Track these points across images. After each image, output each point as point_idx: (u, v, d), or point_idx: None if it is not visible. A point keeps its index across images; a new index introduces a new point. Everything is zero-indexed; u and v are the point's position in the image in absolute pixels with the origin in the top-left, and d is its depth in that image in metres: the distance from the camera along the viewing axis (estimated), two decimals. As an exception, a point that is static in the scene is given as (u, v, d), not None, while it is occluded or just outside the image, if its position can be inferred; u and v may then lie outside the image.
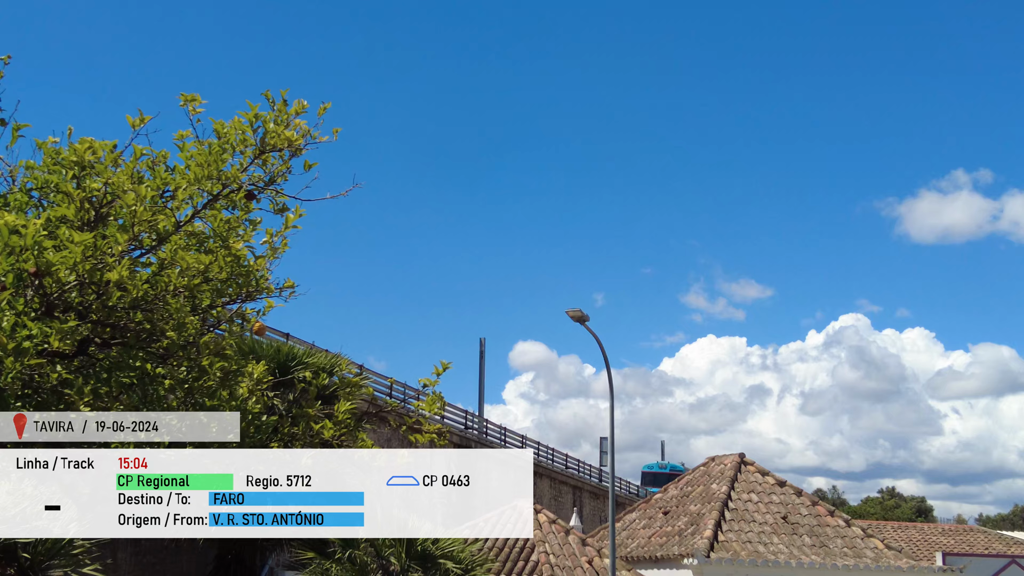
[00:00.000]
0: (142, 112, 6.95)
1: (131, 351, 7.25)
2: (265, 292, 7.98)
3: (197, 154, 7.02)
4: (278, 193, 7.62)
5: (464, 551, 14.13)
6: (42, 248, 6.05)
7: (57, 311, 6.55)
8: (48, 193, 7.27)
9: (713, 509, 23.55)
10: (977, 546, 36.02)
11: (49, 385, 7.03)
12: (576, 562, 19.49)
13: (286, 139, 6.95)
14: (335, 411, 8.85)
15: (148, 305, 6.88)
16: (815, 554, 22.67)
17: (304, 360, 16.09)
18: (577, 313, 19.71)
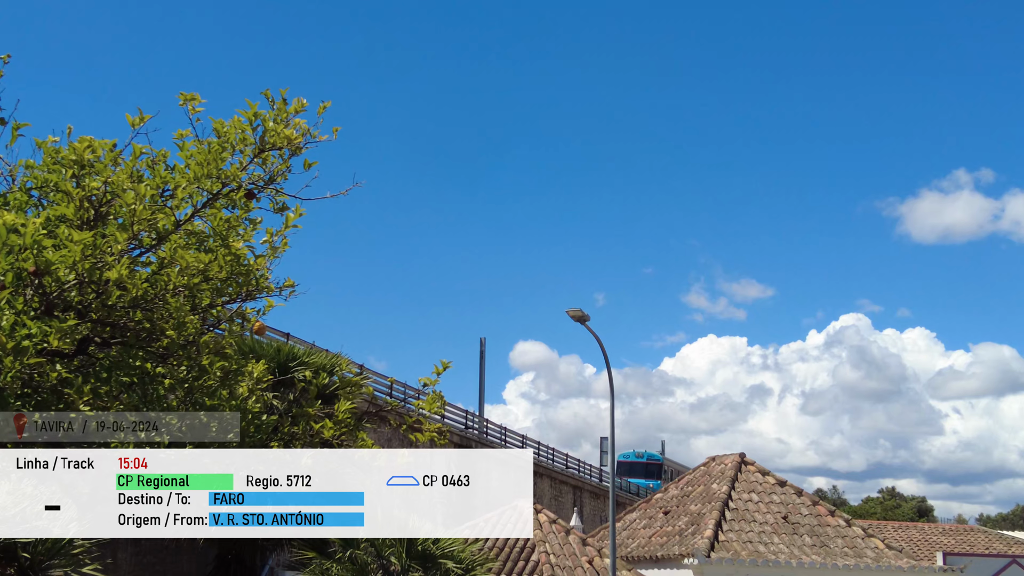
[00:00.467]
0: (141, 111, 6.95)
1: (131, 350, 7.23)
2: (265, 291, 7.97)
3: (197, 153, 7.01)
4: (278, 192, 7.61)
5: (465, 551, 14.11)
6: (41, 247, 6.04)
7: (56, 310, 6.54)
8: (47, 192, 7.26)
9: (714, 509, 23.53)
10: (978, 546, 36.00)
11: (49, 384, 7.02)
12: (576, 562, 19.47)
13: (285, 138, 6.93)
14: (335, 411, 8.84)
15: (148, 304, 6.87)
16: (816, 554, 22.66)
17: (304, 360, 16.07)
18: (577, 313, 19.70)
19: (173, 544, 18.30)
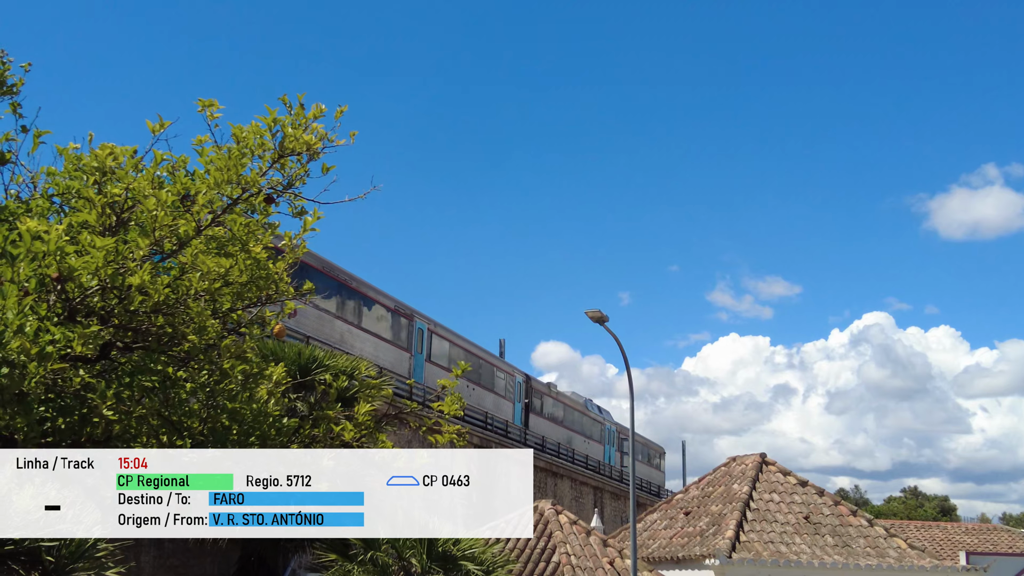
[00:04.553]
0: (162, 117, 7.00)
1: (152, 354, 7.29)
2: (284, 294, 8.03)
3: (216, 158, 7.06)
4: (296, 196, 7.65)
5: (486, 552, 14.14)
6: (64, 253, 6.10)
7: (79, 315, 6.60)
8: (69, 199, 7.33)
9: (735, 509, 23.47)
10: (1001, 545, 35.76)
11: (72, 389, 7.08)
12: (597, 563, 19.47)
13: (305, 143, 6.98)
14: (355, 413, 8.89)
15: (169, 309, 6.93)
16: (838, 554, 22.57)
17: (324, 362, 16.15)
18: (596, 314, 19.72)
19: (196, 547, 18.41)
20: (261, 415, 7.76)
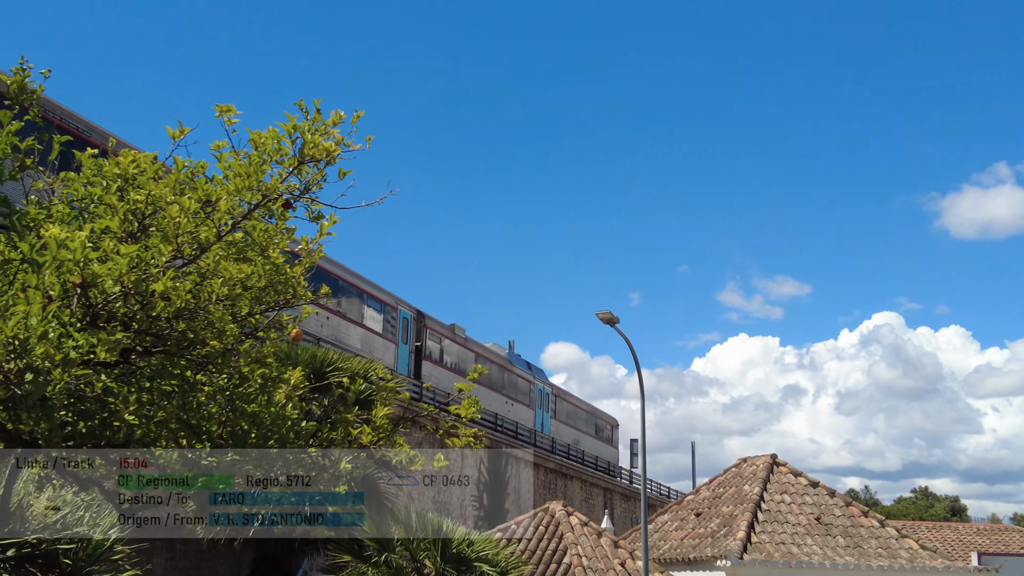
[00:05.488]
0: (182, 124, 7.04)
1: (172, 359, 7.34)
2: (301, 299, 8.07)
3: (235, 164, 7.10)
4: (313, 201, 7.68)
5: (499, 554, 14.18)
6: (87, 260, 6.15)
7: (101, 321, 6.65)
8: (89, 205, 7.38)
9: (746, 511, 23.48)
10: (1012, 545, 35.69)
11: (93, 394, 7.12)
12: (609, 564, 19.49)
13: (324, 150, 7.02)
14: (372, 416, 8.94)
15: (190, 314, 6.98)
16: (849, 555, 22.56)
17: (339, 365, 16.22)
18: (607, 315, 19.74)
19: (209, 548, 18.47)
20: (280, 419, 7.79)
